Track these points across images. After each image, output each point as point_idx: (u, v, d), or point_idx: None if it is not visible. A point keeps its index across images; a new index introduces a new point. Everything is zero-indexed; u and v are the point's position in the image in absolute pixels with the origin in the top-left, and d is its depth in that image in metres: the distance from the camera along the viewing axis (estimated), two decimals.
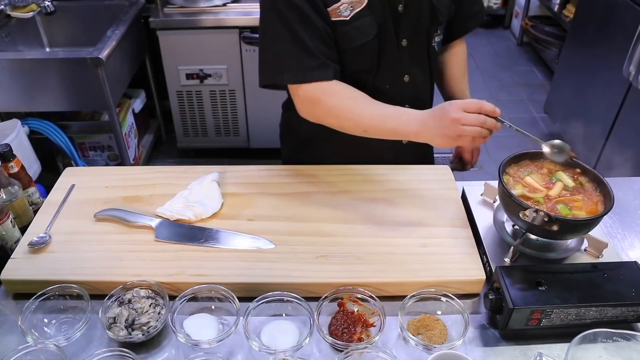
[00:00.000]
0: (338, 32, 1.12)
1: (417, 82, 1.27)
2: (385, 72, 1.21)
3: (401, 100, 1.23)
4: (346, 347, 0.88)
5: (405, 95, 1.25)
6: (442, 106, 1.01)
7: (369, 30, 1.12)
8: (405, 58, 1.21)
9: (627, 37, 2.27)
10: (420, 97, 1.30)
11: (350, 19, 1.10)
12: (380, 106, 1.11)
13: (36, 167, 2.25)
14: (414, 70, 1.24)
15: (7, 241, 1.08)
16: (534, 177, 1.07)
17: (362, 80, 1.20)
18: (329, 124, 1.16)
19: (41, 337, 0.91)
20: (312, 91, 1.12)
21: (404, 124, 1.06)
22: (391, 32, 1.16)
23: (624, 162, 2.42)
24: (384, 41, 1.16)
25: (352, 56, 1.16)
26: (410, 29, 1.17)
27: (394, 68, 1.21)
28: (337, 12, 1.10)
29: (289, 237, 1.09)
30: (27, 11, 2.36)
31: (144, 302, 0.95)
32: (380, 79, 1.21)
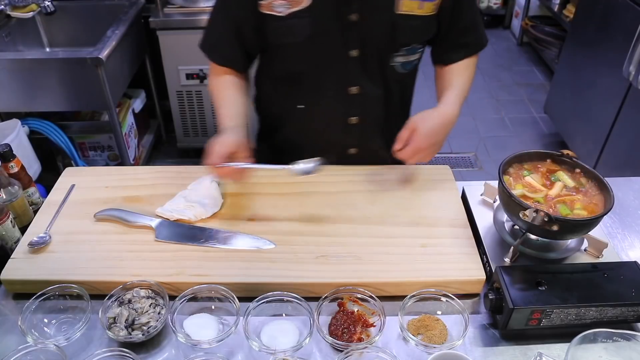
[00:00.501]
0: (269, 26, 1.12)
1: (369, 96, 1.22)
2: (327, 78, 1.19)
3: (347, 111, 1.23)
4: (346, 347, 0.88)
5: (352, 105, 1.23)
6: (223, 133, 1.11)
7: (300, 32, 1.11)
8: (354, 69, 1.17)
9: (627, 37, 2.27)
10: (371, 112, 1.26)
11: (285, 16, 1.09)
12: (221, 103, 1.20)
13: (36, 167, 2.25)
14: (364, 83, 1.20)
15: (7, 241, 1.08)
16: (534, 177, 1.07)
17: (303, 81, 1.21)
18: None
19: (41, 337, 0.91)
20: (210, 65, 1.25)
21: (219, 127, 1.16)
22: (336, 40, 1.12)
23: (624, 162, 2.42)
24: (326, 48, 1.14)
25: (288, 53, 1.16)
26: (362, 41, 1.13)
27: (339, 76, 1.18)
28: (269, 6, 1.09)
29: (289, 237, 1.09)
30: (27, 11, 2.36)
31: (144, 302, 0.95)
32: (323, 84, 1.20)
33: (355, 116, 1.24)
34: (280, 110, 1.32)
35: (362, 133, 1.28)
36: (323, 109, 1.25)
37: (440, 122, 1.14)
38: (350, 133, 1.28)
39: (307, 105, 1.25)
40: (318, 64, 1.17)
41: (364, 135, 1.26)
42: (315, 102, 1.23)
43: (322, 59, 1.16)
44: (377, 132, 1.32)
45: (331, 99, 1.22)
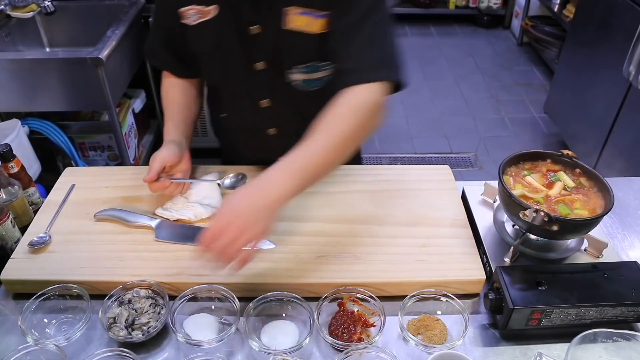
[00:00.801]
0: (186, 34, 1.14)
1: (279, 111, 1.19)
2: (239, 90, 1.20)
3: (263, 122, 1.23)
4: (346, 347, 0.88)
5: (267, 118, 1.21)
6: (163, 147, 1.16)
7: (206, 42, 1.12)
8: (262, 82, 1.14)
9: (627, 37, 2.27)
10: (287, 125, 1.21)
11: (195, 26, 1.10)
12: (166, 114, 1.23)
13: (36, 167, 2.25)
14: (273, 97, 1.17)
15: (7, 241, 1.08)
16: (534, 177, 1.07)
17: (220, 91, 1.24)
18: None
19: (41, 337, 0.91)
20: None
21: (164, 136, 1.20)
22: (239, 52, 1.11)
23: (624, 162, 2.42)
24: (231, 60, 1.13)
25: (203, 63, 1.19)
26: (264, 54, 1.10)
27: (248, 89, 1.18)
28: (185, 15, 1.10)
29: (289, 237, 1.09)
30: (27, 11, 2.36)
31: (143, 302, 0.95)
32: (235, 96, 1.23)
33: (272, 128, 1.23)
34: (215, 117, 1.38)
35: (282, 145, 1.17)
36: (241, 120, 1.28)
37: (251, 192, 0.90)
38: (271, 144, 1.26)
39: (229, 115, 1.29)
40: (227, 76, 1.18)
41: (286, 147, 1.17)
42: (233, 112, 1.27)
43: (230, 71, 1.16)
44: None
45: (246, 110, 1.23)
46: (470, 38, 4.56)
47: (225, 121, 1.31)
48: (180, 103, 1.25)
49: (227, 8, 1.06)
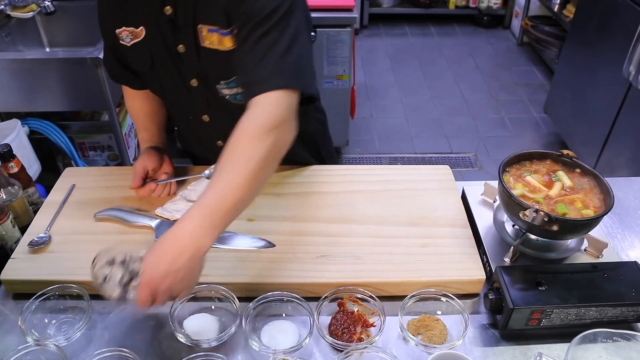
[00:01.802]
0: (123, 53, 1.16)
1: (222, 125, 1.04)
2: (180, 106, 1.23)
3: (210, 135, 1.23)
4: (346, 347, 0.88)
5: (213, 131, 1.21)
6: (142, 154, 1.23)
7: (143, 62, 1.13)
8: (199, 98, 1.15)
9: (627, 37, 2.27)
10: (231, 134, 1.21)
11: (130, 47, 1.11)
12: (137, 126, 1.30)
13: (36, 167, 2.25)
14: (212, 112, 1.18)
15: (7, 241, 1.08)
16: (534, 177, 1.07)
17: (166, 105, 1.28)
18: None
19: (41, 337, 0.91)
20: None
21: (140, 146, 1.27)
22: (172, 70, 1.12)
23: (624, 162, 2.42)
24: (168, 77, 1.14)
25: (145, 79, 1.21)
26: (194, 72, 1.10)
27: (188, 105, 1.20)
28: (120, 37, 1.11)
29: (289, 237, 1.09)
30: (27, 11, 2.36)
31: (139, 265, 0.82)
32: (179, 111, 1.26)
33: (220, 140, 1.22)
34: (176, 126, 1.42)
35: None
36: (190, 133, 1.34)
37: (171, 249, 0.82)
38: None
39: (179, 128, 1.38)
40: (167, 93, 1.20)
41: None
42: (182, 125, 1.35)
43: (168, 88, 1.18)
44: None
45: (191, 124, 1.25)
46: (470, 38, 4.56)
47: (178, 133, 1.42)
48: (148, 112, 1.29)
49: (152, 29, 1.08)
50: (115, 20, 1.10)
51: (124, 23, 1.09)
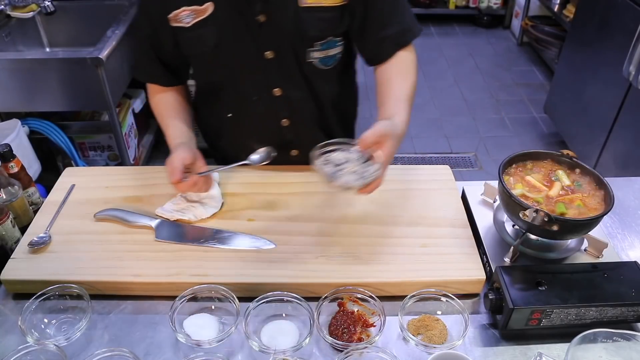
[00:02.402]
0: (180, 38, 1.12)
1: (293, 98, 1.19)
2: (248, 83, 1.18)
3: (275, 114, 1.22)
4: (346, 347, 0.88)
5: (281, 108, 1.21)
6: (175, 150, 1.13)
7: (207, 41, 1.11)
8: (273, 70, 1.15)
9: (627, 37, 2.27)
10: (299, 112, 1.23)
11: (190, 27, 1.09)
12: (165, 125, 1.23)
13: (36, 167, 2.25)
14: (285, 84, 1.18)
15: (7, 241, 1.08)
16: (534, 177, 1.07)
17: (225, 90, 1.22)
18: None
19: (41, 337, 0.91)
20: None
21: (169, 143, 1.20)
22: (247, 44, 1.11)
23: (623, 162, 2.42)
24: (239, 53, 1.12)
25: (203, 63, 1.18)
26: (274, 41, 1.11)
27: (259, 80, 1.17)
28: (177, 19, 1.09)
29: (289, 237, 1.09)
30: (27, 11, 2.36)
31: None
32: (244, 91, 1.20)
33: (285, 118, 1.23)
34: (214, 121, 1.33)
35: (296, 135, 1.25)
36: (251, 115, 1.25)
37: (400, 136, 1.02)
38: (285, 136, 1.26)
39: (235, 114, 1.26)
40: (234, 71, 1.17)
41: (300, 136, 1.22)
42: (242, 109, 1.24)
43: (237, 65, 1.15)
44: (315, 132, 1.29)
45: (257, 103, 1.21)
46: (470, 38, 4.56)
47: (231, 121, 1.28)
48: (176, 108, 1.25)
49: (223, 3, 1.06)
50: (168, 4, 1.08)
51: (183, 3, 1.07)
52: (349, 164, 0.93)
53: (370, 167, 0.93)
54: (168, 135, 1.20)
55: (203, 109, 1.34)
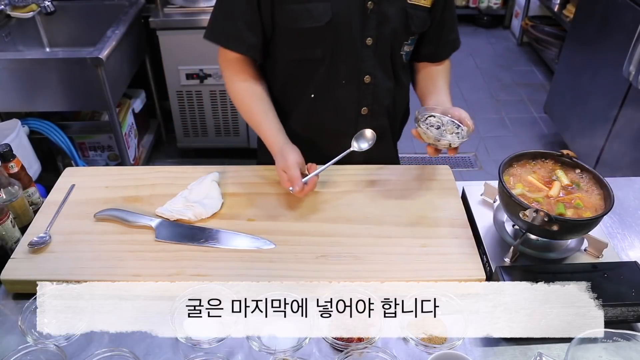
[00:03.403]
0: (286, 9, 1.10)
1: (379, 86, 1.23)
2: (342, 66, 1.17)
3: (359, 101, 1.22)
4: (346, 347, 0.88)
5: (364, 95, 1.22)
6: (282, 153, 1.13)
7: (320, 17, 1.09)
8: (369, 57, 1.18)
9: (627, 37, 2.27)
10: (379, 102, 1.25)
11: (304, 0, 1.08)
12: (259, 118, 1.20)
13: (36, 167, 2.25)
14: (376, 72, 1.20)
15: (7, 241, 1.08)
16: (534, 177, 1.07)
17: (315, 69, 1.18)
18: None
19: (41, 337, 0.91)
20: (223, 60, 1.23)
21: (268, 144, 1.20)
22: (356, 26, 1.13)
23: (624, 162, 2.42)
24: (345, 34, 1.13)
25: (305, 38, 1.14)
26: (377, 29, 1.14)
27: (354, 64, 1.18)
28: None
29: (289, 237, 1.09)
30: (27, 11, 2.36)
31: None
32: (335, 73, 1.18)
33: (366, 106, 1.24)
34: (286, 101, 1.28)
35: (372, 124, 1.25)
36: (334, 99, 1.23)
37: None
38: (361, 124, 1.25)
39: (318, 94, 1.22)
40: (335, 51, 1.15)
41: (372, 128, 1.24)
42: (327, 91, 1.21)
43: (339, 46, 1.14)
44: (384, 125, 1.32)
45: (343, 88, 1.20)
46: (470, 38, 4.55)
47: (312, 102, 1.23)
48: (267, 102, 1.22)
49: None
50: None
51: None
52: (445, 127, 1.11)
53: (462, 131, 1.11)
54: (264, 133, 1.19)
55: (275, 86, 1.28)
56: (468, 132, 1.11)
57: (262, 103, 1.21)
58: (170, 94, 2.72)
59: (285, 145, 1.15)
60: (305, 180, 1.10)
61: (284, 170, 1.11)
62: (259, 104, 1.21)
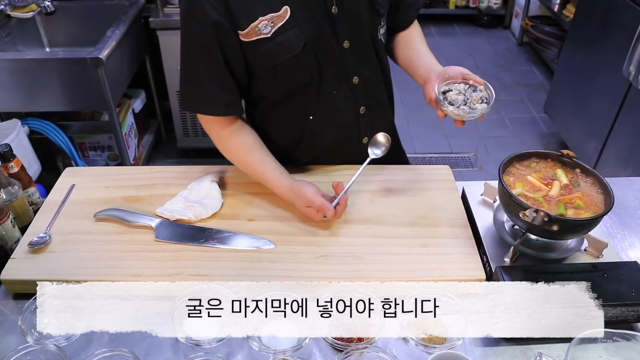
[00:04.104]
0: (260, 50, 1.08)
1: (369, 82, 1.22)
2: (329, 79, 1.17)
3: (355, 103, 1.22)
4: (346, 347, 0.88)
5: (358, 97, 1.21)
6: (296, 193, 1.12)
7: (294, 44, 1.08)
8: (350, 59, 1.16)
9: (627, 37, 2.27)
10: (375, 97, 1.25)
11: (271, 36, 1.06)
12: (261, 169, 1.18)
13: (36, 167, 2.25)
14: (362, 70, 1.19)
15: (7, 241, 1.08)
16: (534, 177, 1.07)
17: (307, 92, 1.17)
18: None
19: (41, 337, 0.91)
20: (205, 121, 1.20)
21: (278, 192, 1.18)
22: (329, 37, 1.11)
23: (624, 162, 2.42)
24: (323, 48, 1.12)
25: (286, 71, 1.13)
26: (349, 29, 1.13)
27: (340, 72, 1.17)
28: (255, 31, 1.05)
29: (289, 237, 1.09)
30: (27, 11, 2.36)
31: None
32: (326, 87, 1.17)
33: (363, 106, 1.23)
34: (289, 138, 1.27)
35: (370, 121, 1.26)
36: (332, 111, 1.22)
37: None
38: (361, 125, 1.26)
39: (316, 114, 1.21)
40: (319, 68, 1.14)
41: (373, 122, 1.25)
42: (323, 107, 1.21)
43: (321, 61, 1.14)
44: (384, 113, 1.32)
45: (337, 98, 1.20)
46: (470, 38, 4.56)
47: (312, 124, 1.22)
48: (261, 146, 1.20)
49: (297, 3, 1.05)
50: (239, 21, 1.04)
51: (257, 15, 1.04)
52: (469, 97, 1.08)
53: (482, 92, 1.08)
54: (270, 183, 1.17)
55: (276, 124, 1.26)
56: (488, 89, 1.08)
57: (256, 152, 1.19)
58: (170, 94, 2.72)
59: (294, 184, 1.14)
60: (336, 202, 1.10)
61: (307, 206, 1.11)
62: (254, 155, 1.19)
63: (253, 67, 1.13)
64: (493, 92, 1.07)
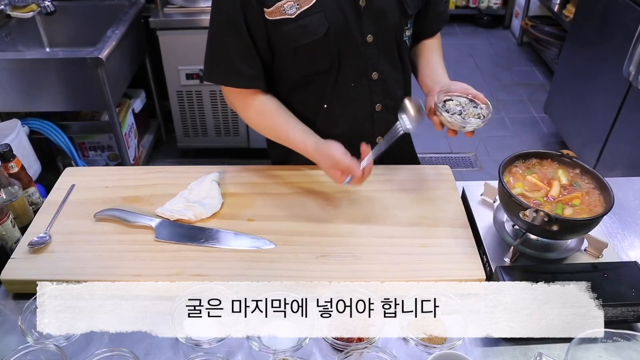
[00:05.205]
0: (282, 31, 1.09)
1: (388, 80, 1.22)
2: (348, 70, 1.16)
3: (371, 99, 1.22)
4: (346, 347, 0.88)
5: (375, 92, 1.21)
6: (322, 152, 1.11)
7: (317, 29, 1.08)
8: (372, 54, 1.16)
9: (627, 37, 2.27)
10: (393, 97, 1.24)
11: (295, 17, 1.06)
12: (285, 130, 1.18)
13: (36, 167, 2.25)
14: (383, 67, 1.19)
15: (7, 241, 1.08)
16: (534, 177, 1.07)
17: (324, 80, 1.17)
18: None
19: (41, 337, 0.91)
20: (229, 94, 1.22)
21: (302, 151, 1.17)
22: (353, 28, 1.12)
23: (624, 162, 2.42)
24: (345, 38, 1.12)
25: (306, 55, 1.13)
26: (375, 24, 1.13)
27: (359, 65, 1.17)
28: (281, 10, 1.06)
29: (289, 237, 1.09)
30: (27, 11, 2.36)
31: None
32: (344, 78, 1.17)
33: (379, 103, 1.23)
34: (307, 116, 1.25)
35: (385, 120, 1.24)
36: (347, 104, 1.22)
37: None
38: (377, 122, 1.25)
39: (331, 104, 1.21)
40: (339, 57, 1.14)
41: (388, 121, 1.22)
42: (339, 98, 1.20)
43: (342, 51, 1.13)
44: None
45: (354, 90, 1.20)
46: (470, 38, 4.55)
47: (325, 114, 1.22)
48: (283, 108, 1.20)
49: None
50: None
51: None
52: (466, 110, 1.09)
53: (482, 110, 1.08)
54: (294, 143, 1.16)
55: (290, 108, 1.24)
56: (488, 109, 1.08)
57: (280, 115, 1.19)
58: (170, 94, 2.72)
59: (320, 143, 1.12)
60: (363, 165, 1.07)
61: (333, 167, 1.08)
62: (277, 118, 1.19)
63: (274, 47, 1.14)
64: (491, 113, 1.08)
